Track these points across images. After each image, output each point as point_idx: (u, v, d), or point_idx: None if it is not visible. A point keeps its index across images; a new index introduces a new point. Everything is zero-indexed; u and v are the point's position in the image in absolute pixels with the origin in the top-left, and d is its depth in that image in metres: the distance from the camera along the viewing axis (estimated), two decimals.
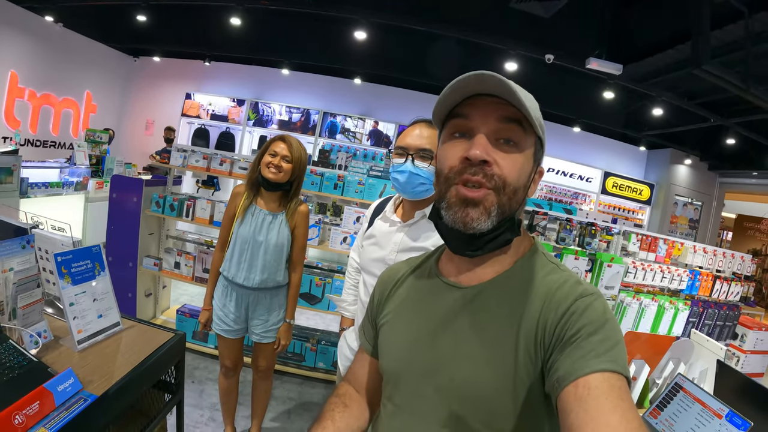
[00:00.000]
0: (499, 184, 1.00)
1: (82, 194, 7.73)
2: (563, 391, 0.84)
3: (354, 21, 7.52)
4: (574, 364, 0.85)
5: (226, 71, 11.56)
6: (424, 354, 1.09)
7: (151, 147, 11.24)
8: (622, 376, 0.83)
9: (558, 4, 6.11)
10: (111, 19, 9.90)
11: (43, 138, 10.01)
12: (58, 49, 9.87)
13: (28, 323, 1.85)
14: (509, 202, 1.02)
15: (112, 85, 12.06)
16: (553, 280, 1.02)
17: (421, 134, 2.02)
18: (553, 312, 0.94)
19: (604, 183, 11.28)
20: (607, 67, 6.79)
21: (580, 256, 4.01)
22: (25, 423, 1.32)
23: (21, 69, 9.13)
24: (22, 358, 1.63)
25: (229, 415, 3.44)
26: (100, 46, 11.21)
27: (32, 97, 9.51)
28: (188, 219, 4.81)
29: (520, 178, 1.02)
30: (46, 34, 9.46)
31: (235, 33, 8.82)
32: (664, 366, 2.52)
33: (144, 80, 12.48)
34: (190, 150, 4.97)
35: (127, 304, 5.01)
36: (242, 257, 2.99)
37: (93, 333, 1.95)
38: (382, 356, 1.22)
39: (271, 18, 9.01)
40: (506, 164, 1.00)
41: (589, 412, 0.78)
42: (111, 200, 5.10)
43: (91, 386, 1.61)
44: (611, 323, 0.91)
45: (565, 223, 4.53)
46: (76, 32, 10.26)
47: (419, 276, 1.25)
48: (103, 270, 2.09)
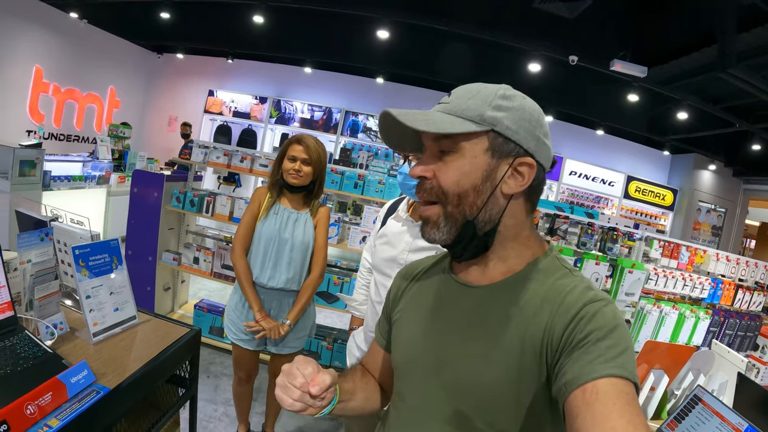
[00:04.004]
0: (440, 195, 1.03)
1: (104, 188, 7.83)
2: (570, 395, 0.83)
3: (376, 20, 7.50)
4: (583, 369, 0.84)
5: (249, 69, 11.61)
6: (431, 351, 1.10)
7: (173, 143, 11.37)
8: (630, 382, 0.83)
9: (582, 5, 6.05)
10: (135, 16, 9.98)
11: (67, 132, 10.14)
12: (83, 45, 10.00)
13: (44, 314, 1.86)
14: (456, 209, 1.03)
15: (136, 82, 12.21)
16: (564, 285, 1.01)
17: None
18: (562, 316, 0.94)
19: (627, 187, 11.16)
20: (632, 70, 6.70)
21: (601, 261, 3.95)
22: (37, 413, 1.32)
23: (46, 64, 9.26)
24: (37, 349, 1.64)
25: (243, 413, 3.43)
26: (124, 43, 11.35)
27: (56, 91, 9.65)
28: (208, 215, 4.82)
29: (461, 183, 1.02)
30: (70, 30, 9.58)
31: (258, 31, 8.84)
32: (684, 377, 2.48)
33: (167, 77, 12.63)
34: (211, 146, 4.98)
35: (145, 297, 5.04)
36: (267, 256, 2.93)
37: (109, 326, 1.96)
38: (394, 351, 1.25)
39: (293, 16, 9.02)
40: (442, 174, 1.03)
41: (596, 417, 0.77)
42: (132, 195, 5.13)
43: (104, 379, 1.60)
44: (621, 329, 0.90)
45: (586, 228, 4.46)
46: (101, 29, 10.39)
47: (434, 273, 1.25)
48: (120, 264, 2.09)
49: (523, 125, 1.01)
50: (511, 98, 1.02)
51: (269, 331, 2.87)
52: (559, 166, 10.83)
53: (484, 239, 1.05)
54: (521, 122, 1.01)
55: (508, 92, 1.03)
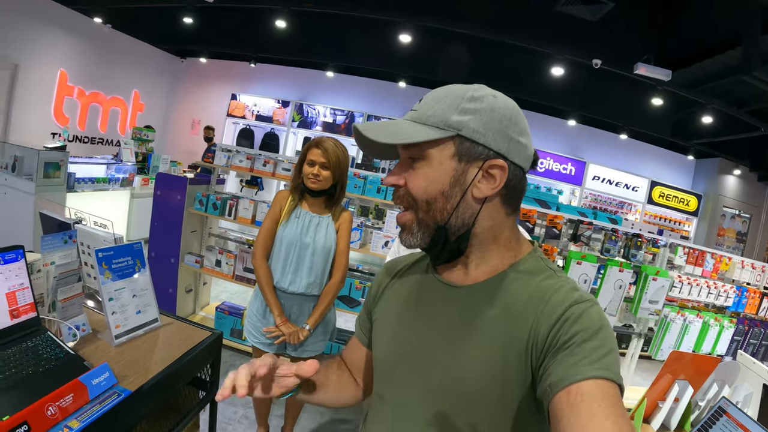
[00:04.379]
0: (411, 201, 1.05)
1: (128, 190, 7.94)
2: (555, 397, 0.83)
3: (398, 24, 7.49)
4: (567, 371, 0.84)
5: (272, 73, 11.68)
6: (413, 351, 1.10)
7: (196, 146, 11.45)
8: (615, 384, 0.83)
9: (605, 7, 6.00)
10: (159, 21, 10.09)
11: (91, 135, 10.29)
12: (107, 49, 10.15)
13: (66, 316, 1.87)
14: (427, 215, 1.04)
15: (160, 85, 12.36)
16: (549, 286, 1.00)
17: None
18: (548, 317, 0.93)
19: (651, 192, 11.03)
20: (656, 73, 6.64)
21: (625, 268, 3.90)
22: (58, 415, 1.33)
23: (70, 68, 9.41)
24: (59, 350, 1.66)
25: (263, 416, 3.43)
26: (148, 47, 11.51)
27: (81, 95, 9.79)
28: (230, 218, 4.84)
29: (428, 190, 1.02)
30: (95, 34, 9.73)
31: (281, 35, 8.86)
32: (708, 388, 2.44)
33: (190, 81, 12.77)
34: (234, 150, 5.00)
35: (167, 299, 5.07)
36: (288, 260, 2.91)
37: (131, 328, 1.97)
38: (375, 350, 1.24)
39: (315, 20, 9.04)
40: (411, 181, 1.04)
41: (581, 419, 0.77)
42: (155, 197, 5.17)
43: (125, 381, 1.61)
44: (606, 330, 0.90)
45: (610, 234, 4.41)
46: (125, 33, 10.55)
47: (417, 271, 1.25)
48: (143, 267, 2.10)
49: (491, 126, 0.99)
50: (480, 99, 1.01)
51: (289, 336, 2.87)
52: (582, 171, 10.72)
53: (457, 243, 1.05)
54: (490, 123, 1.00)
55: (476, 93, 1.02)
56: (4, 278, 1.68)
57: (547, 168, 10.73)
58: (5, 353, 1.57)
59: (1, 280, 1.67)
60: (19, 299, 1.72)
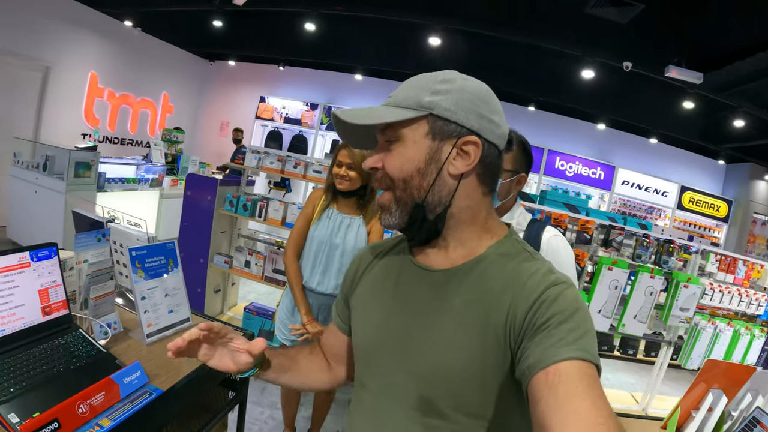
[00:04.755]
0: (388, 182, 1.08)
1: (157, 191, 8.06)
2: (533, 378, 0.85)
3: (427, 27, 7.47)
4: (545, 352, 0.85)
5: (300, 75, 11.71)
6: (394, 337, 1.11)
7: (225, 148, 11.53)
8: (592, 365, 0.85)
9: (634, 9, 5.93)
10: (188, 24, 10.19)
11: (121, 136, 10.43)
12: (137, 52, 10.29)
13: (99, 314, 1.89)
14: (404, 193, 1.06)
15: (189, 88, 12.50)
16: (526, 268, 1.02)
17: None
18: (525, 299, 0.95)
19: (681, 198, 10.84)
20: (687, 76, 6.54)
21: (656, 274, 3.86)
22: (89, 413, 1.33)
23: (101, 70, 9.55)
24: (90, 348, 1.67)
25: (290, 417, 3.44)
26: (177, 50, 11.65)
27: (111, 96, 9.92)
28: (261, 219, 4.86)
29: (404, 168, 1.05)
30: (125, 37, 9.87)
31: (309, 38, 8.88)
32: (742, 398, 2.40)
33: (219, 83, 12.87)
34: (264, 152, 5.02)
35: (196, 298, 5.11)
36: (317, 260, 2.93)
37: (162, 327, 1.98)
38: (356, 336, 1.25)
39: (344, 23, 9.04)
40: (388, 161, 1.07)
41: (559, 399, 0.78)
42: (185, 198, 5.24)
43: (157, 380, 1.62)
44: (582, 312, 0.92)
45: (642, 239, 4.36)
46: (154, 37, 10.69)
47: (393, 257, 1.26)
48: (176, 266, 2.11)
49: (462, 105, 1.03)
50: (451, 81, 1.05)
51: (313, 335, 2.88)
52: (612, 176, 10.58)
53: (435, 223, 1.07)
54: (461, 102, 1.03)
55: (447, 76, 1.06)
56: (37, 275, 1.69)
57: (576, 172, 10.59)
58: (37, 350, 1.59)
59: (34, 277, 1.68)
60: (51, 296, 1.73)
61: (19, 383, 1.41)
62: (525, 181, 2.04)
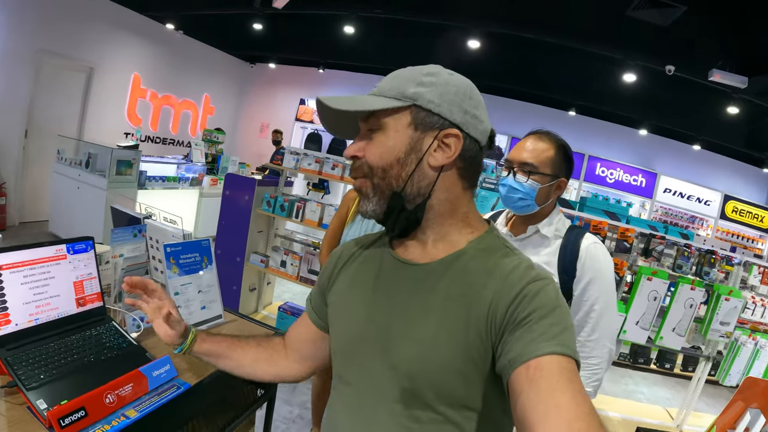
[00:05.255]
0: (367, 170, 1.08)
1: (197, 189, 8.22)
2: (514, 373, 0.86)
3: (467, 30, 7.45)
4: (526, 347, 0.87)
5: (340, 79, 11.75)
6: (376, 332, 1.10)
7: (265, 149, 11.64)
8: (572, 359, 0.86)
9: (677, 11, 5.81)
10: (229, 27, 10.35)
11: (163, 135, 10.67)
12: (179, 54, 10.52)
13: (132, 307, 1.90)
14: (383, 181, 1.07)
15: (230, 89, 12.71)
16: (507, 263, 1.03)
17: (527, 147, 1.97)
18: (506, 294, 0.95)
19: (724, 207, 10.53)
20: (732, 80, 6.37)
21: (697, 286, 3.78)
22: (116, 403, 1.35)
23: (144, 72, 9.79)
24: (122, 340, 1.70)
25: (319, 416, 3.43)
26: (219, 53, 11.86)
27: (154, 97, 10.16)
28: (297, 220, 4.90)
29: (383, 157, 1.06)
30: (167, 40, 10.08)
31: (349, 41, 8.93)
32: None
33: (260, 85, 13.04)
34: (303, 153, 5.06)
35: (231, 296, 5.19)
36: None
37: (195, 323, 1.99)
38: (334, 331, 1.24)
39: (383, 27, 9.05)
40: (368, 150, 1.08)
41: (540, 394, 0.80)
42: (224, 197, 5.32)
43: (186, 375, 1.63)
44: (562, 308, 0.94)
45: (683, 249, 4.27)
46: (196, 39, 10.89)
47: (373, 251, 1.25)
48: (210, 263, 2.13)
49: (447, 98, 1.05)
50: (436, 75, 1.07)
51: None
52: (653, 183, 10.37)
53: (415, 212, 1.08)
54: (445, 95, 1.05)
55: (433, 70, 1.09)
56: (73, 267, 1.72)
57: (617, 179, 10.39)
58: (69, 339, 1.62)
59: (70, 269, 1.71)
60: (86, 288, 1.76)
61: (49, 371, 1.44)
62: (565, 186, 2.00)
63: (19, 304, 1.55)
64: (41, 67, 7.59)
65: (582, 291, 1.87)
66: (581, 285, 1.87)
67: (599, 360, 1.87)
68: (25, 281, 1.58)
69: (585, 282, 1.87)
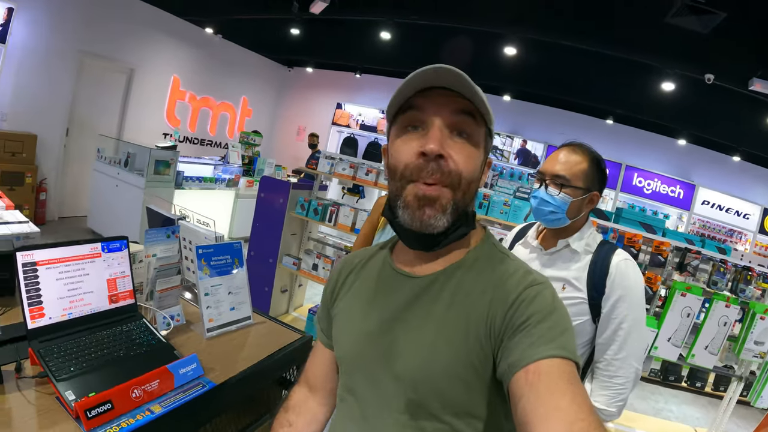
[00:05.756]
0: (455, 179, 0.99)
1: (233, 190, 8.39)
2: (514, 377, 0.86)
3: (502, 36, 7.42)
4: (525, 351, 0.87)
5: (376, 83, 11.77)
6: (378, 343, 1.09)
7: (301, 152, 11.78)
8: (571, 362, 0.85)
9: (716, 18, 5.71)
10: (267, 32, 10.43)
11: (201, 137, 10.87)
12: (218, 57, 10.72)
13: (163, 306, 1.97)
14: (464, 197, 1.02)
15: (267, 92, 12.87)
16: (504, 270, 1.03)
17: (560, 159, 1.95)
18: (503, 300, 0.96)
19: (763, 221, 10.20)
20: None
21: (732, 303, 3.70)
22: (142, 398, 1.41)
23: (183, 74, 10.00)
24: (151, 337, 1.76)
25: None
26: (257, 57, 12.03)
27: (192, 99, 10.36)
28: (330, 224, 4.94)
29: (474, 172, 1.02)
30: (206, 44, 10.29)
31: (385, 47, 8.94)
32: None
33: (297, 89, 13.19)
34: (338, 158, 5.10)
35: (262, 297, 5.26)
36: None
37: (223, 323, 2.04)
38: (338, 346, 1.22)
39: (419, 32, 9.03)
40: (461, 158, 0.99)
41: (540, 397, 0.80)
42: (258, 199, 5.41)
43: (212, 374, 1.67)
44: (559, 311, 0.94)
45: (718, 265, 4.18)
46: (234, 43, 11.08)
47: (373, 266, 1.24)
48: (241, 266, 2.17)
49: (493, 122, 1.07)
50: None
51: None
52: (691, 195, 10.14)
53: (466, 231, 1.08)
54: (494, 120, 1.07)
55: None
56: (107, 265, 1.79)
57: (654, 189, 10.19)
58: (100, 334, 1.69)
59: (104, 267, 1.78)
60: (119, 286, 1.83)
61: (79, 364, 1.51)
62: (597, 200, 1.97)
63: (54, 299, 1.62)
64: (83, 68, 7.81)
65: (610, 308, 1.83)
66: (610, 302, 1.83)
67: (625, 380, 1.83)
68: (60, 277, 1.65)
69: (614, 299, 1.83)
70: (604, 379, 1.83)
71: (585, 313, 1.86)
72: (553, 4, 6.66)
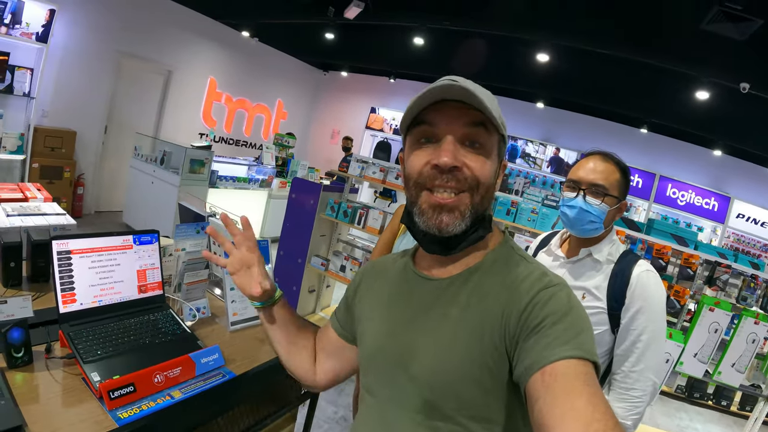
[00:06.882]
0: (473, 184, 1.02)
1: (266, 191, 8.55)
2: (531, 379, 0.86)
3: (536, 43, 7.41)
4: (541, 353, 0.87)
5: (410, 89, 11.73)
6: (397, 344, 1.11)
7: (335, 155, 11.89)
8: (588, 362, 0.85)
9: (752, 25, 5.60)
10: (302, 36, 10.60)
11: (236, 137, 11.07)
12: (254, 60, 10.90)
13: (190, 298, 2.05)
14: (482, 201, 1.05)
15: (302, 96, 13.02)
16: (520, 272, 1.04)
17: (595, 168, 1.93)
18: (518, 302, 0.96)
19: None
20: None
21: (762, 321, 3.58)
22: (164, 383, 1.48)
23: (219, 76, 10.22)
24: (177, 327, 1.84)
25: None
26: (292, 60, 12.19)
27: (228, 101, 10.56)
28: (359, 227, 4.98)
29: (490, 177, 1.05)
30: (242, 47, 10.48)
31: (419, 52, 8.96)
32: None
33: (332, 93, 13.33)
34: (369, 161, 5.14)
35: (290, 296, 5.30)
36: None
37: (247, 318, 2.11)
38: (361, 347, 1.25)
39: (452, 38, 9.03)
40: (476, 165, 1.02)
41: (556, 398, 0.80)
42: (290, 200, 5.48)
43: (233, 365, 1.73)
44: (576, 311, 0.93)
45: (749, 280, 4.09)
46: (270, 46, 11.25)
47: (396, 270, 1.27)
48: (267, 263, 2.20)
49: (505, 127, 1.09)
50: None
51: None
52: (726, 207, 9.87)
53: (483, 234, 1.10)
54: (506, 125, 1.09)
55: None
56: (138, 257, 1.88)
57: (689, 201, 9.94)
58: (128, 322, 1.77)
59: (135, 258, 1.87)
60: (148, 277, 1.91)
61: (106, 348, 1.59)
62: (624, 209, 1.99)
63: (86, 286, 1.71)
64: (121, 68, 8.04)
65: (630, 320, 1.81)
66: (629, 313, 1.81)
67: (641, 393, 1.80)
68: (92, 266, 1.73)
69: (633, 311, 1.81)
70: (620, 391, 1.81)
71: (604, 323, 1.85)
72: (587, 12, 6.61)
